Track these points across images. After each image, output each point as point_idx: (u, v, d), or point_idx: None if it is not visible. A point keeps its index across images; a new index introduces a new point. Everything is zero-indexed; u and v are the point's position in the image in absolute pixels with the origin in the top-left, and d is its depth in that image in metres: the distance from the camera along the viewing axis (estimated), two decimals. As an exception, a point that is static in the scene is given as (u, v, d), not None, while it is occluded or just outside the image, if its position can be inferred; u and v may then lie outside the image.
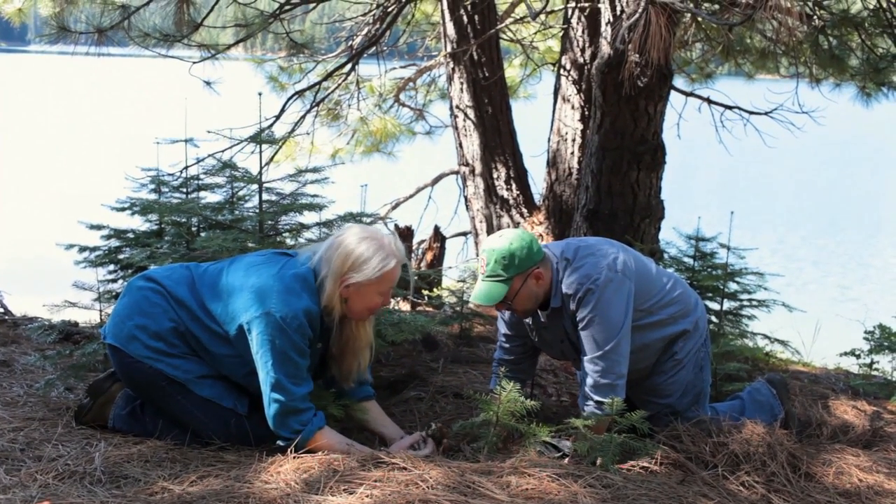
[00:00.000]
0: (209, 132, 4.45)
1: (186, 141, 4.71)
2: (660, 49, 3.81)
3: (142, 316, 2.94)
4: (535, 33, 9.12)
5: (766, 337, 5.24)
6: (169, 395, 2.92)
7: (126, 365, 2.95)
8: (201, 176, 4.52)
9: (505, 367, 3.31)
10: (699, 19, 6.49)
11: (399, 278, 2.97)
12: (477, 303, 3.19)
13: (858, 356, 5.00)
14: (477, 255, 7.66)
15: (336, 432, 2.91)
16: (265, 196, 3.82)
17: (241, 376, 2.95)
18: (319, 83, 6.51)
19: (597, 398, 3.05)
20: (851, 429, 3.57)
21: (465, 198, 7.78)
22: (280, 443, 2.82)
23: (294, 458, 2.63)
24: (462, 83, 7.31)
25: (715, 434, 3.01)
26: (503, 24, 7.98)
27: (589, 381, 3.07)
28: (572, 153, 7.01)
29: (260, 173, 3.66)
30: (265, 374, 2.81)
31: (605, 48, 5.46)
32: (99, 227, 4.30)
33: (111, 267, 4.28)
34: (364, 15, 7.72)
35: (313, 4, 6.22)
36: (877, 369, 5.03)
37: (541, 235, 7.15)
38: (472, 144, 7.40)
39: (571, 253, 3.14)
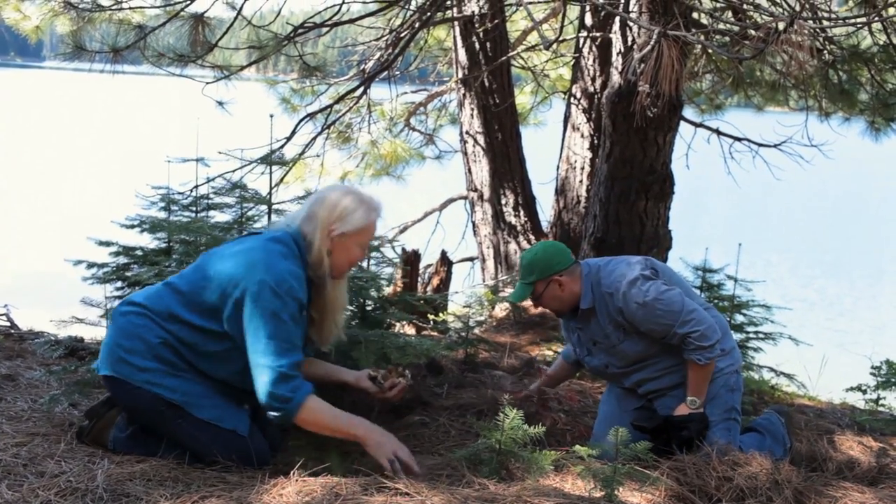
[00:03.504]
0: (220, 153, 4.48)
1: (197, 160, 4.73)
2: (671, 81, 3.83)
3: (129, 339, 2.93)
4: (547, 61, 9.19)
5: (771, 370, 5.22)
6: (169, 419, 2.90)
7: (125, 393, 2.93)
8: (211, 195, 4.54)
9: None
10: (709, 51, 6.53)
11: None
12: (510, 300, 3.75)
13: (865, 391, 4.98)
14: (483, 280, 7.67)
15: (324, 401, 2.88)
16: (274, 217, 3.84)
17: (238, 372, 2.91)
18: (331, 106, 6.55)
19: (704, 344, 3.30)
20: (857, 465, 3.54)
21: (473, 223, 7.80)
22: (272, 414, 2.80)
23: (297, 480, 2.62)
24: (472, 109, 7.36)
25: (720, 467, 2.99)
26: (515, 52, 8.04)
27: (690, 344, 3.32)
28: (581, 181, 7.03)
29: (270, 194, 3.68)
30: (256, 342, 2.79)
31: (616, 78, 5.50)
32: (107, 244, 4.32)
33: (119, 283, 4.29)
34: (377, 40, 7.78)
35: (326, 28, 6.27)
36: (883, 405, 5.00)
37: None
38: (482, 170, 7.43)
39: (605, 262, 3.55)
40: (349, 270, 3.12)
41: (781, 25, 3.56)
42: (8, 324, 5.09)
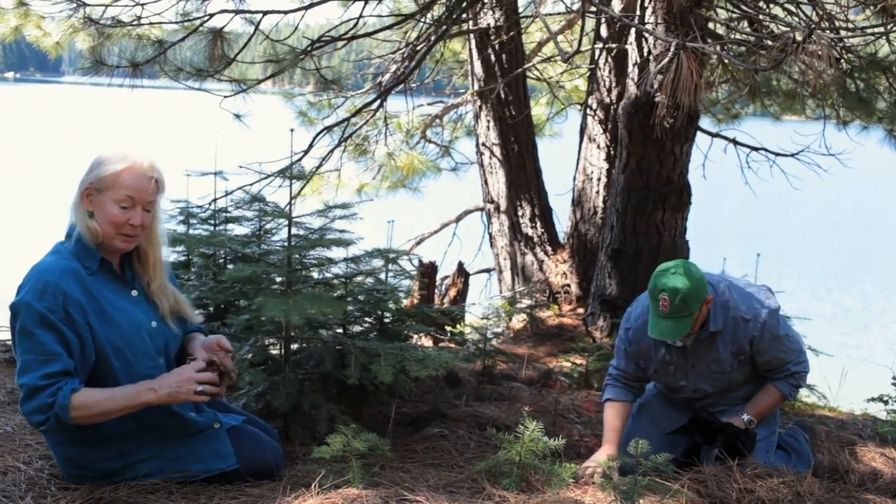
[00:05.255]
0: (241, 167, 4.51)
1: (216, 173, 4.76)
2: (690, 92, 3.83)
3: (69, 455, 2.77)
4: (562, 73, 9.20)
5: (791, 381, 5.17)
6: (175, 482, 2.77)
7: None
8: (229, 208, 4.57)
9: (622, 380, 3.51)
10: (726, 61, 6.52)
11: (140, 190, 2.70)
12: (664, 338, 3.29)
13: (886, 402, 4.94)
14: (500, 291, 7.66)
15: (94, 389, 2.61)
16: (293, 230, 3.85)
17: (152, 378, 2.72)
18: (348, 119, 6.58)
19: (803, 384, 3.52)
20: (880, 476, 3.52)
21: (490, 235, 7.81)
22: (43, 428, 2.59)
23: (318, 492, 2.63)
24: (488, 121, 7.37)
25: (741, 479, 2.98)
26: (530, 64, 8.06)
27: (793, 381, 3.42)
28: (597, 192, 7.03)
29: (290, 208, 3.69)
30: (17, 363, 2.60)
31: (632, 89, 5.50)
32: (127, 258, 4.33)
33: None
34: (393, 53, 7.82)
35: (343, 42, 6.30)
36: (905, 416, 4.96)
37: (564, 274, 7.15)
38: (498, 182, 7.44)
39: (727, 283, 3.36)
40: (121, 233, 2.70)
41: (799, 36, 3.55)
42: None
